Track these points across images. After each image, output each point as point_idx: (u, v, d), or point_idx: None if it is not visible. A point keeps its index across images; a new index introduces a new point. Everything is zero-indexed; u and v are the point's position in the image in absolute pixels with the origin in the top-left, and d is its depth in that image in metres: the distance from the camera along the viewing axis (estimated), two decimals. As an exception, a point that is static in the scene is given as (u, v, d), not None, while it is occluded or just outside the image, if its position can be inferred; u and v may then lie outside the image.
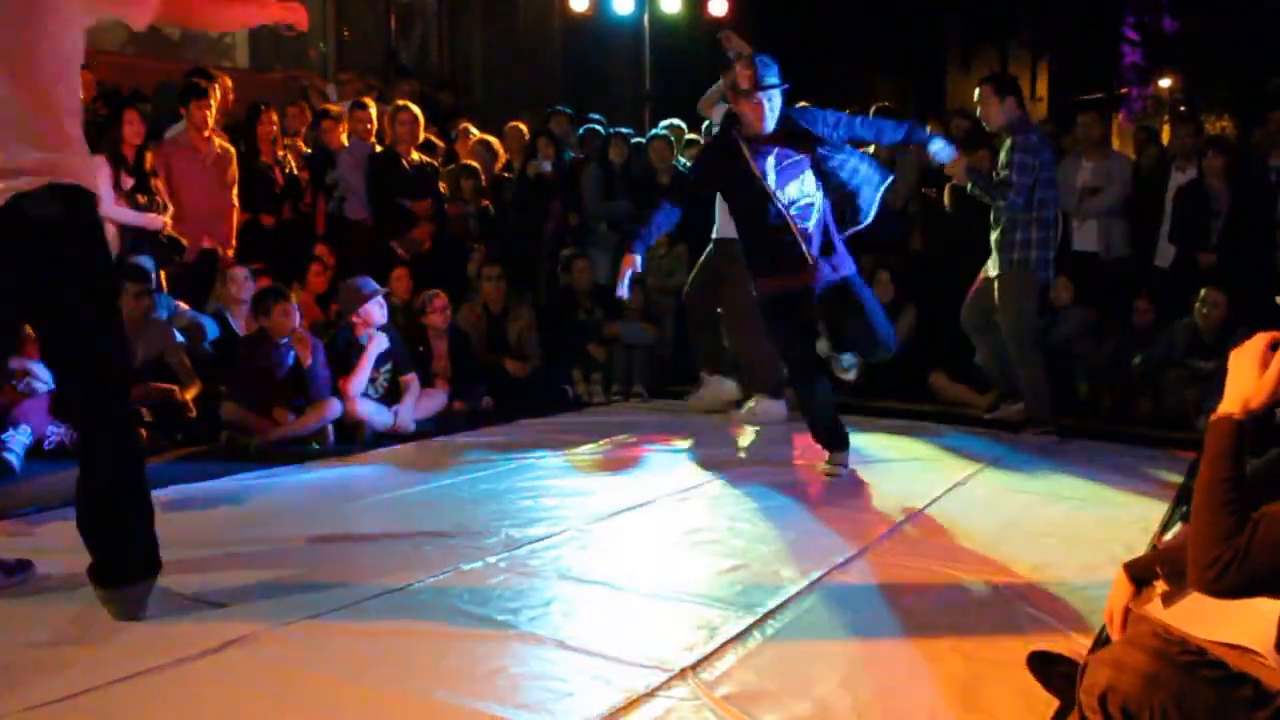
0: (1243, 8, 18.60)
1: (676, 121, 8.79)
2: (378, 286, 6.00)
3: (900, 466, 5.25)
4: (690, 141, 8.47)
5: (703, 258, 6.48)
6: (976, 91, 5.96)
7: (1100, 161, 7.39)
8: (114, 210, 6.16)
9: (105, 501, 2.94)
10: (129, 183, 6.24)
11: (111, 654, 2.72)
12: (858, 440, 5.82)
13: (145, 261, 6.02)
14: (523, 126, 8.73)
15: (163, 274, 5.87)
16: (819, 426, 5.02)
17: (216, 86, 6.93)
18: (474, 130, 8.93)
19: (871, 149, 5.83)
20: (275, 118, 7.53)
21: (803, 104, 5.40)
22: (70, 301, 2.87)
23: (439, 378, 6.49)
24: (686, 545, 3.82)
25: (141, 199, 6.27)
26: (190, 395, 5.67)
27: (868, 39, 18.93)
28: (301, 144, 8.02)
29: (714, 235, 6.29)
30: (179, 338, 5.88)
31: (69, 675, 2.57)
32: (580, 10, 12.52)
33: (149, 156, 6.40)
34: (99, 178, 6.07)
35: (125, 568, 2.95)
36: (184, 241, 6.44)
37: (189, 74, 7.11)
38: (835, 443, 5.00)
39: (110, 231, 6.14)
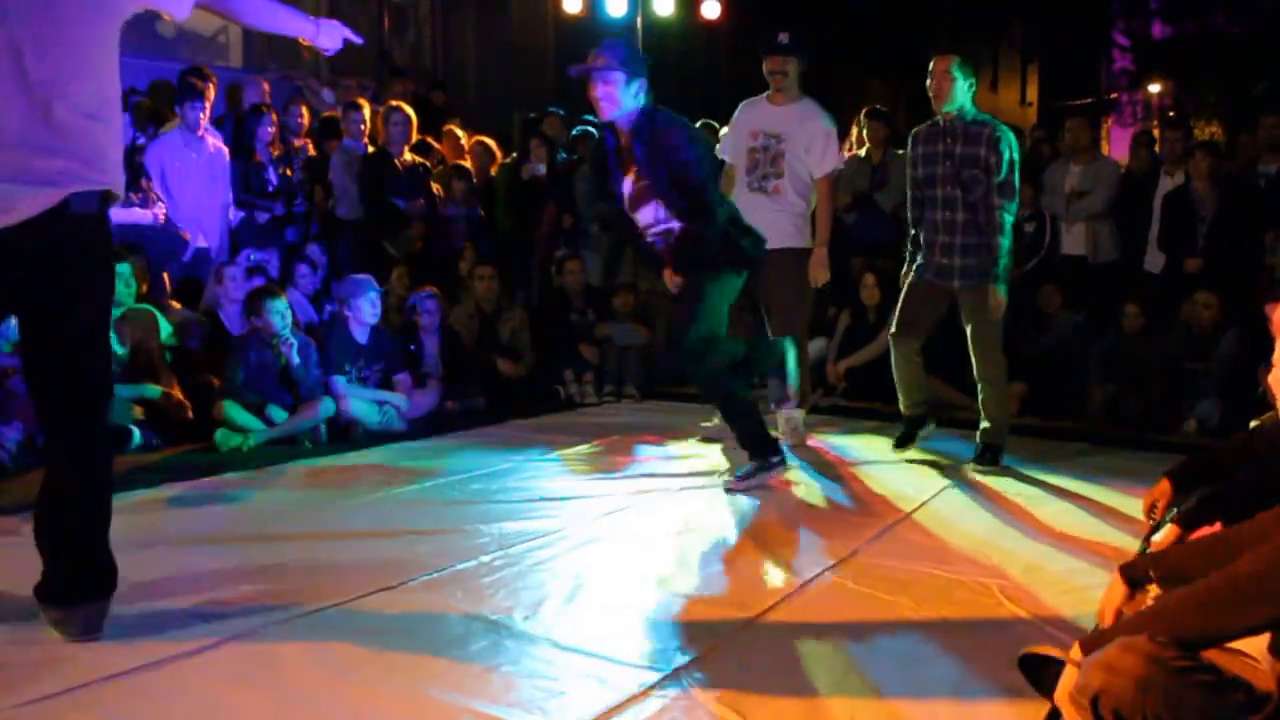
0: (1232, 14, 18.69)
1: None
2: (370, 279, 6.07)
3: (891, 468, 5.25)
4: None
5: None
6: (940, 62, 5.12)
7: (1087, 165, 7.43)
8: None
9: (68, 516, 2.81)
10: None
11: (104, 651, 2.72)
12: (849, 441, 5.86)
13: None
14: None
15: (165, 275, 5.87)
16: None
17: (211, 86, 6.93)
18: (459, 131, 8.93)
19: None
20: (275, 118, 7.53)
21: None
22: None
23: (431, 377, 6.49)
24: (679, 545, 3.83)
25: (134, 196, 6.27)
26: (175, 393, 5.65)
27: (859, 42, 18.97)
28: (303, 143, 8.01)
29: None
30: (165, 330, 5.85)
31: (62, 672, 2.57)
32: (573, 12, 12.54)
33: (137, 155, 6.41)
34: None
35: (79, 586, 2.81)
36: (185, 235, 6.45)
37: (184, 73, 7.10)
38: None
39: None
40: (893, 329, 5.43)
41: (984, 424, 5.20)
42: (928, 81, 5.16)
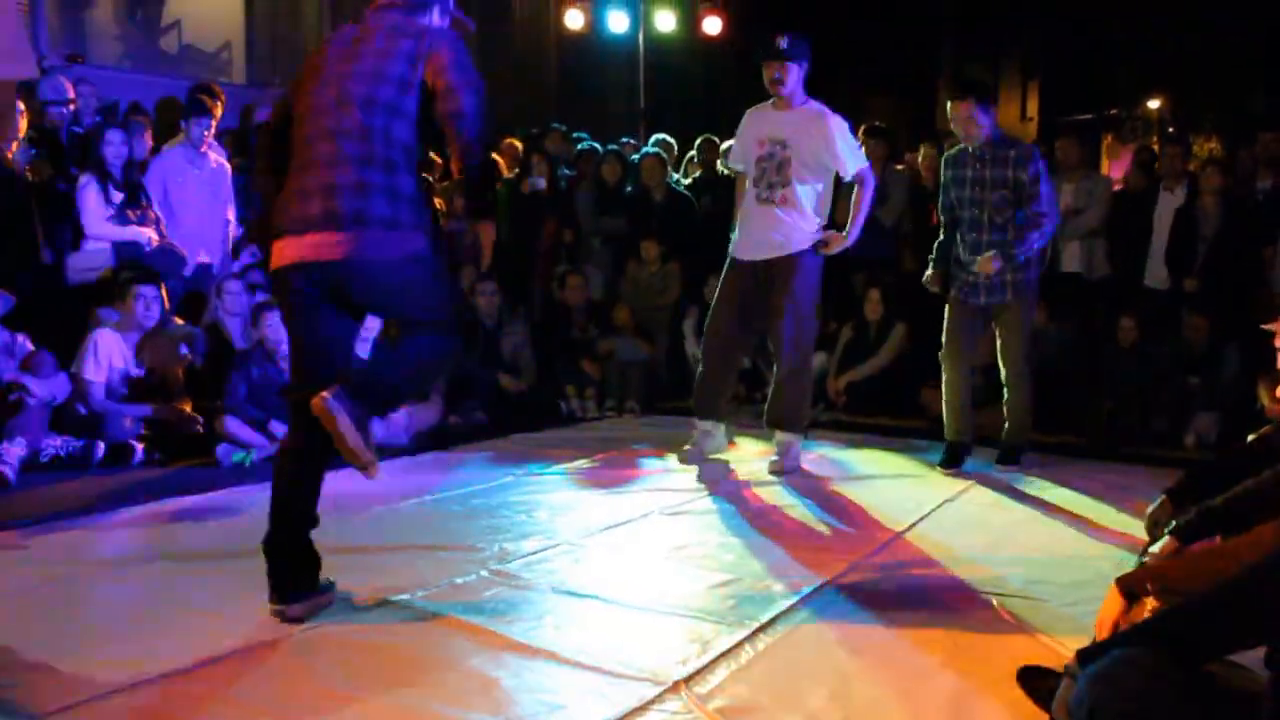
0: (1231, 30, 18.76)
1: (664, 137, 8.84)
2: None
3: (891, 482, 5.27)
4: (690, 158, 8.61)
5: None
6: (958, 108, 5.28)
7: (1081, 183, 7.45)
8: (103, 226, 6.19)
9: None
10: (118, 198, 6.27)
11: (106, 666, 2.72)
12: (848, 455, 5.87)
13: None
14: (516, 143, 8.81)
15: (163, 287, 5.90)
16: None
17: (220, 104, 6.96)
18: None
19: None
20: None
21: None
22: None
23: (433, 392, 6.50)
24: (679, 559, 3.84)
25: (132, 214, 6.29)
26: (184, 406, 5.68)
27: (861, 58, 19.04)
28: None
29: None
30: (184, 350, 5.88)
31: (62, 687, 2.58)
32: (575, 28, 12.59)
33: (137, 172, 6.45)
34: (87, 194, 6.19)
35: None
36: (183, 253, 6.47)
37: (193, 90, 7.14)
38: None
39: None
40: (942, 351, 5.65)
41: (1008, 423, 5.62)
42: (951, 123, 5.42)
